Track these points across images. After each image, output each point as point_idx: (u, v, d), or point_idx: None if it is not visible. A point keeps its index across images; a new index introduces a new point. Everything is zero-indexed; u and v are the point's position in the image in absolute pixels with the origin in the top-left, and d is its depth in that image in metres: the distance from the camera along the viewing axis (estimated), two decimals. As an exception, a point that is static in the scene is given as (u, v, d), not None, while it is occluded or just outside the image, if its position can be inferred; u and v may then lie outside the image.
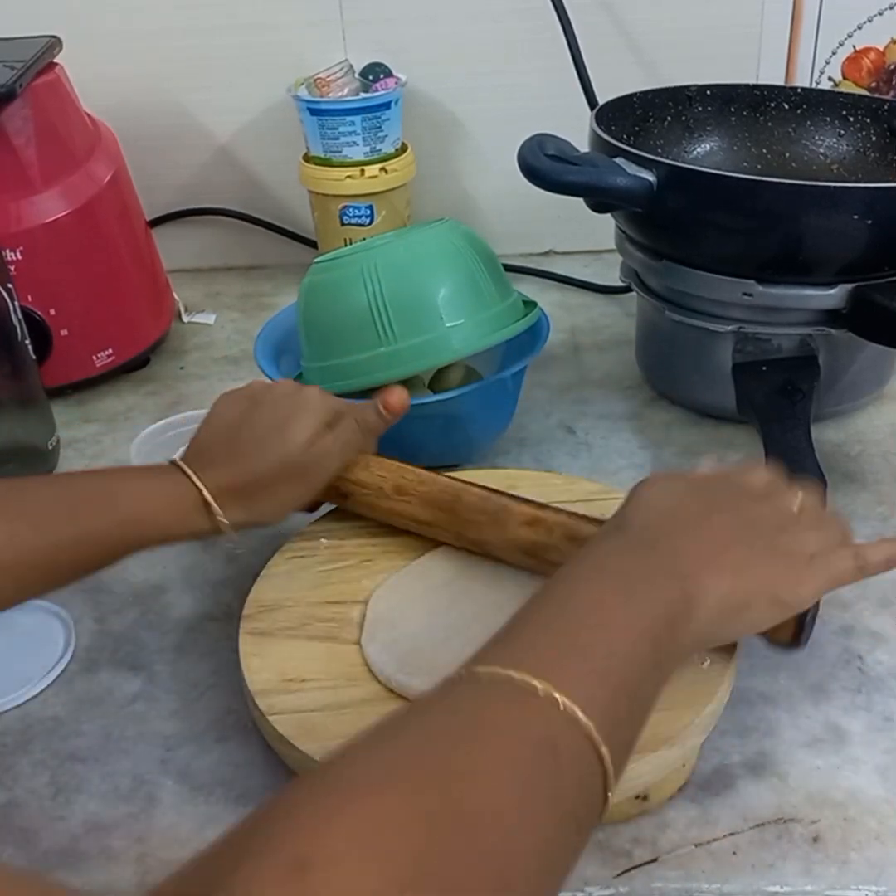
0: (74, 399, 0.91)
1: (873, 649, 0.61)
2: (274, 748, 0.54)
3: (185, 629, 0.65)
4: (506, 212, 1.07)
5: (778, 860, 0.50)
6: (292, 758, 0.52)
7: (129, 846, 0.52)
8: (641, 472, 0.77)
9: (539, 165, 0.70)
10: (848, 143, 0.89)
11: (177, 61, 1.04)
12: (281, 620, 0.59)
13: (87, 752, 0.57)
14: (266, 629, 0.58)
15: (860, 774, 0.54)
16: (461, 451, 0.77)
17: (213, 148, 1.09)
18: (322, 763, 0.37)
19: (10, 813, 0.54)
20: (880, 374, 0.82)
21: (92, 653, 0.64)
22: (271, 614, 0.59)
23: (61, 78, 0.87)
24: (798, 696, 0.58)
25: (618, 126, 0.81)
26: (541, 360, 0.79)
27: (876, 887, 0.48)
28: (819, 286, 0.71)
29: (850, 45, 1.01)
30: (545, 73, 1.00)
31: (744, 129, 0.90)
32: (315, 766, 0.49)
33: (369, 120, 0.99)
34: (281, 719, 0.52)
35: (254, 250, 1.14)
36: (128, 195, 0.95)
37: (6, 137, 0.82)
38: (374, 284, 0.70)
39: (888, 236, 0.68)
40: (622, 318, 0.99)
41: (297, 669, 0.55)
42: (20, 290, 0.77)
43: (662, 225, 0.75)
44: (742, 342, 0.76)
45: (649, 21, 1.01)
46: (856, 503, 0.73)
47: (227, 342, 1.00)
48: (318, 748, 0.50)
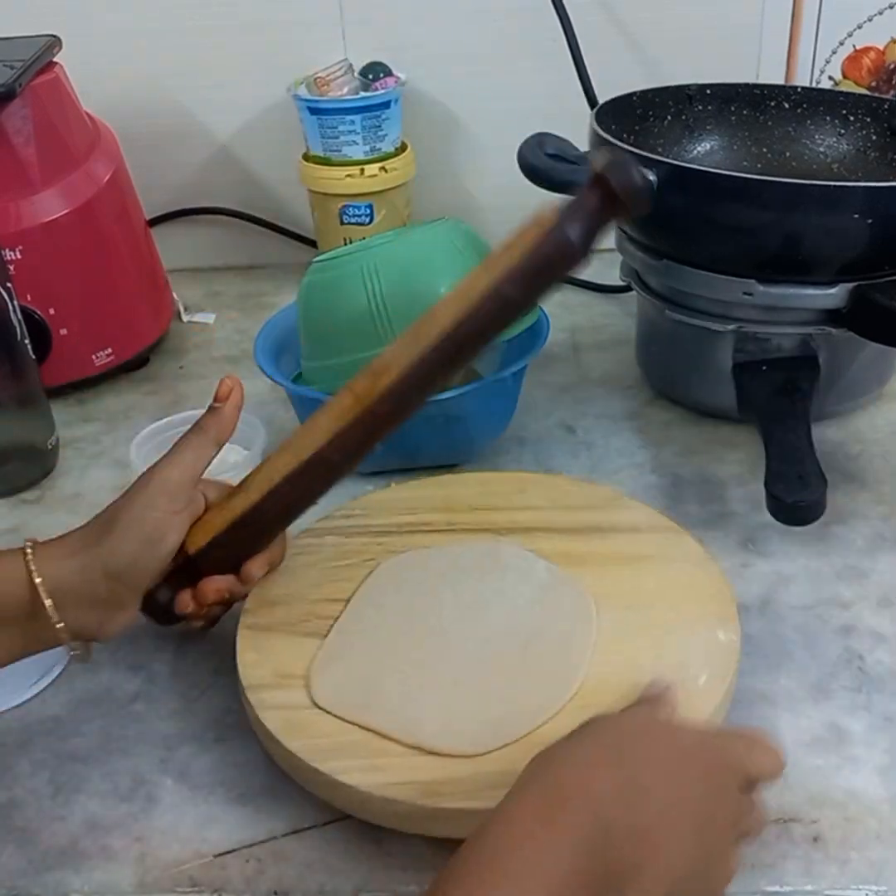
0: (74, 399, 0.91)
1: (874, 649, 0.61)
2: (264, 745, 0.54)
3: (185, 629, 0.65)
4: (506, 211, 1.06)
5: (778, 860, 0.50)
6: (279, 755, 0.52)
7: (129, 846, 0.52)
8: (641, 472, 0.77)
9: (539, 164, 0.70)
10: (848, 142, 0.88)
11: (177, 61, 1.04)
12: (280, 616, 0.59)
13: (87, 752, 0.57)
14: (265, 624, 0.59)
15: (860, 774, 0.54)
16: (461, 451, 0.77)
17: (213, 147, 1.09)
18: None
19: (10, 813, 0.54)
20: (880, 373, 0.82)
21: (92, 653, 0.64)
22: (271, 610, 0.60)
23: (61, 77, 0.87)
24: (798, 695, 0.58)
25: (618, 125, 0.81)
26: (541, 360, 0.79)
27: (876, 887, 0.48)
28: (819, 285, 0.71)
29: (851, 44, 1.01)
30: (545, 72, 1.00)
31: (744, 129, 0.90)
32: (300, 763, 0.50)
33: (369, 119, 0.99)
34: (270, 715, 0.53)
35: (253, 250, 1.14)
36: (127, 194, 0.94)
37: (6, 137, 0.82)
38: (373, 284, 0.69)
39: (888, 235, 0.68)
40: (622, 318, 0.99)
41: (291, 666, 0.56)
42: (19, 290, 0.77)
43: (662, 224, 0.74)
44: (742, 341, 0.76)
45: (649, 20, 1.01)
46: (856, 503, 0.73)
47: (227, 342, 1.00)
48: (302, 746, 0.51)
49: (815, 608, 0.64)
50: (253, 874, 0.50)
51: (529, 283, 0.53)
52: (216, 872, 0.50)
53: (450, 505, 0.67)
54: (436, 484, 0.71)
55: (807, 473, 0.66)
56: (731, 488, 0.75)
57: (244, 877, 0.50)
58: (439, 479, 0.72)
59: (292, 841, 0.52)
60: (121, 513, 0.54)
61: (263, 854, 0.51)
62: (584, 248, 0.52)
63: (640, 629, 0.56)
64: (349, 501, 0.69)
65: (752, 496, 0.72)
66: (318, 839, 0.52)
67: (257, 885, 0.50)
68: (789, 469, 0.67)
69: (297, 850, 0.51)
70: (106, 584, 0.53)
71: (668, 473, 0.77)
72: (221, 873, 0.50)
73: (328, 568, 0.63)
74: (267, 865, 0.51)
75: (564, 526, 0.64)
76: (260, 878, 0.50)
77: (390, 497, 0.70)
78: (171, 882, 0.50)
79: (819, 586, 0.66)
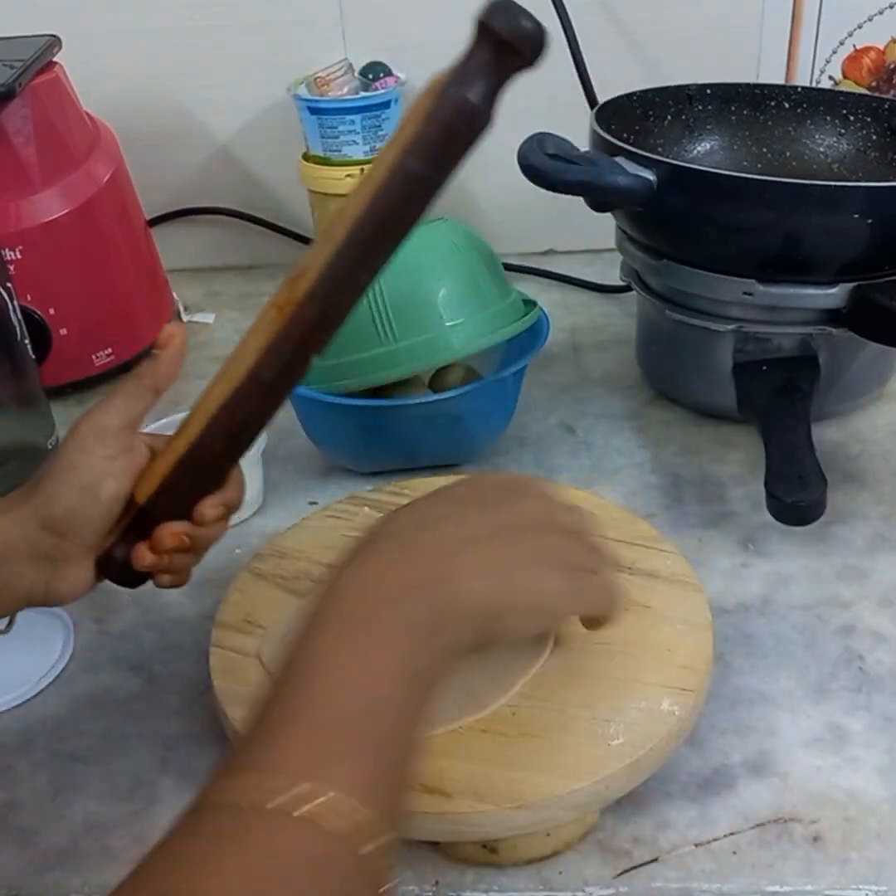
0: (74, 398, 0.91)
1: (874, 649, 0.61)
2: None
3: (185, 629, 0.65)
4: (506, 211, 1.07)
5: (778, 860, 0.50)
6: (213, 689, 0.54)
7: (129, 846, 0.52)
8: (642, 472, 0.77)
9: (539, 164, 0.70)
10: (848, 142, 0.88)
11: (177, 60, 1.04)
12: (280, 568, 0.62)
13: (87, 752, 0.57)
14: (263, 572, 0.61)
15: (860, 774, 0.54)
16: (461, 450, 0.77)
17: (213, 147, 1.09)
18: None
19: (10, 813, 0.54)
20: (881, 373, 0.82)
21: (92, 653, 0.64)
22: (278, 561, 0.62)
23: (61, 77, 0.87)
24: (798, 695, 0.58)
25: (618, 125, 0.81)
26: (541, 360, 0.79)
27: (876, 887, 0.48)
28: (819, 285, 0.71)
29: (851, 44, 1.01)
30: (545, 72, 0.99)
31: (744, 128, 0.90)
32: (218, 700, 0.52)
33: (369, 119, 0.99)
34: (217, 651, 0.56)
35: (253, 249, 1.14)
36: (127, 194, 0.94)
37: (5, 137, 0.82)
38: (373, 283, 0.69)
39: (888, 235, 0.68)
40: (622, 318, 0.99)
41: (261, 615, 0.58)
42: (19, 290, 0.77)
43: (663, 224, 0.74)
44: (742, 341, 0.76)
45: (649, 20, 1.01)
46: (856, 503, 0.73)
47: (227, 342, 1.00)
48: (226, 688, 0.53)
49: (815, 608, 0.64)
50: (253, 874, 0.50)
51: (433, 153, 0.49)
52: (216, 872, 0.50)
53: None
54: None
55: (807, 473, 0.66)
56: (731, 488, 0.75)
57: (244, 877, 0.50)
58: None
59: (292, 841, 0.52)
60: (54, 462, 0.52)
61: (263, 854, 0.51)
62: (485, 106, 0.49)
63: (587, 676, 0.54)
64: (403, 480, 0.71)
65: (752, 496, 0.72)
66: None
67: (257, 885, 0.50)
68: (789, 469, 0.67)
69: (297, 850, 0.51)
70: (46, 538, 0.51)
71: (668, 473, 0.77)
72: (221, 873, 0.50)
73: (346, 536, 0.64)
74: (267, 865, 0.51)
75: None
76: (260, 879, 0.50)
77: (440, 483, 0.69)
78: (171, 882, 0.50)
79: (819, 586, 0.66)
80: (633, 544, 0.63)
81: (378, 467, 0.77)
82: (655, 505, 0.74)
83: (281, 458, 0.80)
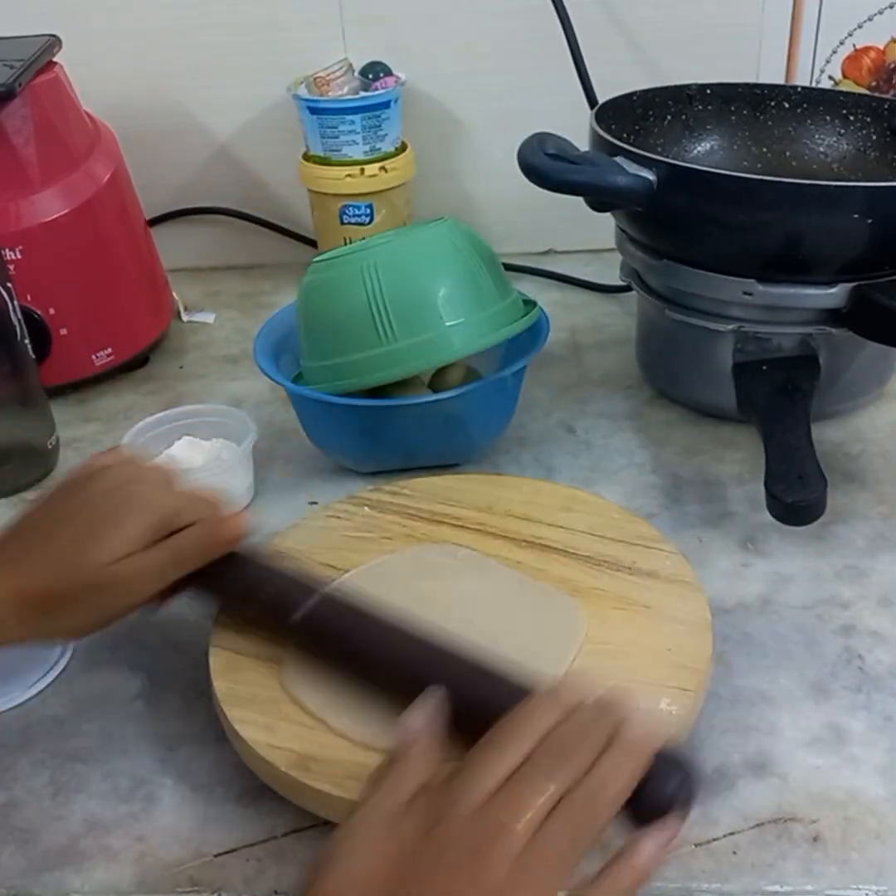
0: (74, 398, 0.91)
1: (873, 649, 0.61)
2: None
3: (185, 629, 0.65)
4: (506, 211, 1.07)
5: (778, 860, 0.50)
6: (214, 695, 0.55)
7: (129, 846, 0.52)
8: (641, 472, 0.77)
9: (539, 164, 0.70)
10: (848, 142, 0.88)
11: (176, 60, 1.04)
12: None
13: (87, 752, 0.57)
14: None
15: (860, 774, 0.54)
16: (461, 450, 0.77)
17: (213, 147, 1.09)
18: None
19: (10, 813, 0.54)
20: (881, 373, 0.82)
21: (92, 653, 0.64)
22: (280, 558, 0.61)
23: (61, 77, 0.87)
24: (798, 695, 0.58)
25: (618, 125, 0.81)
26: (541, 360, 0.79)
27: (876, 887, 0.48)
28: (819, 285, 0.71)
29: (851, 43, 1.01)
30: (545, 72, 1.00)
31: (744, 128, 0.90)
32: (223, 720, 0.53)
33: (369, 119, 0.99)
34: (217, 651, 0.57)
35: (253, 249, 1.14)
36: (127, 194, 0.94)
37: (5, 136, 0.82)
38: (373, 283, 0.69)
39: (888, 235, 0.68)
40: (622, 318, 0.99)
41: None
42: (19, 290, 0.77)
43: (663, 224, 0.74)
44: (742, 341, 0.76)
45: (649, 19, 1.01)
46: (856, 503, 0.73)
47: (227, 341, 1.00)
48: (226, 688, 0.54)
49: (814, 608, 0.64)
50: (253, 874, 0.50)
51: None
52: (216, 872, 0.50)
53: (490, 505, 0.67)
54: (492, 482, 0.71)
55: (807, 473, 0.66)
56: (731, 488, 0.75)
57: (244, 877, 0.50)
58: (498, 478, 0.72)
59: (292, 841, 0.52)
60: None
61: (263, 854, 0.51)
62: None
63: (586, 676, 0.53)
64: (403, 480, 0.70)
65: (752, 496, 0.72)
66: (318, 839, 0.51)
67: (257, 885, 0.50)
68: (789, 469, 0.67)
69: (297, 850, 0.51)
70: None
71: (668, 473, 0.77)
72: (221, 873, 0.50)
73: (346, 536, 0.65)
74: (267, 865, 0.51)
75: (586, 554, 0.62)
76: (260, 878, 0.50)
77: (442, 485, 0.70)
78: (172, 882, 0.50)
79: (819, 586, 0.66)
80: (633, 544, 0.63)
81: (378, 467, 0.77)
82: (655, 505, 0.74)
83: (281, 458, 0.80)
